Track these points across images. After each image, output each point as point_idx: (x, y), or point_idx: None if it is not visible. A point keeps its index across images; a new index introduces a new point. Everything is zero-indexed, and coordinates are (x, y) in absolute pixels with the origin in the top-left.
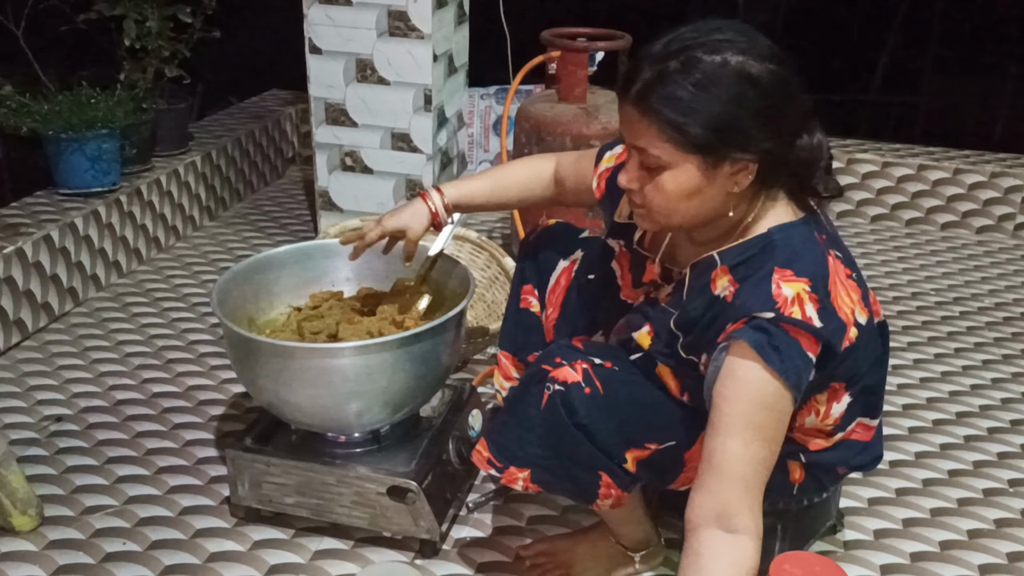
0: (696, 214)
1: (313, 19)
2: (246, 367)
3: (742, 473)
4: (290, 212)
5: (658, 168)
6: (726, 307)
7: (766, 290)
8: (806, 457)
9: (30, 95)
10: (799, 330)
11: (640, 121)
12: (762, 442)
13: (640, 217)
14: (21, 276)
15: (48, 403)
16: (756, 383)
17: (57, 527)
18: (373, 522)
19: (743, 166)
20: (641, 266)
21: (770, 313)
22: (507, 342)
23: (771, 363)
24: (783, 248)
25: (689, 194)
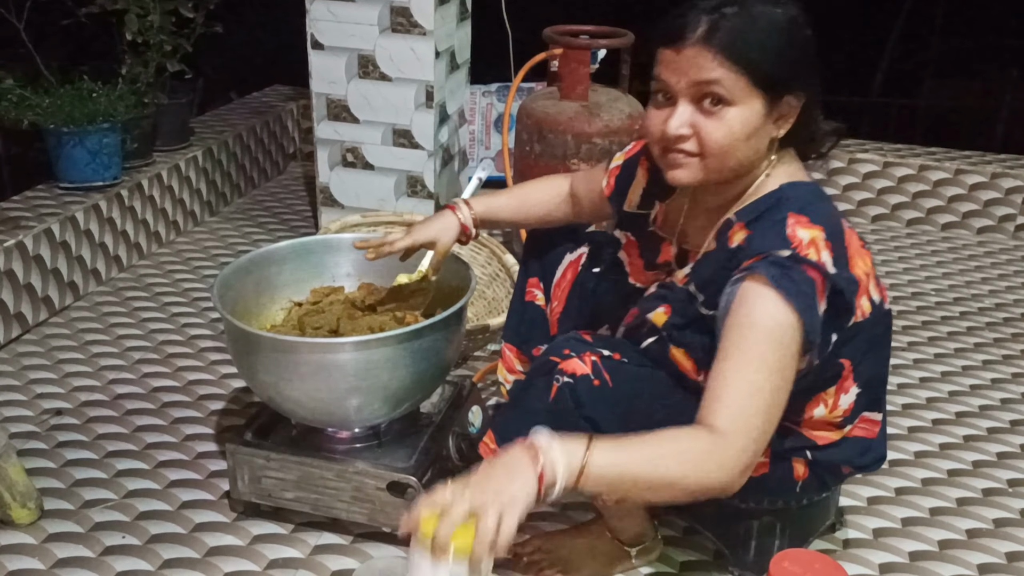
0: (744, 158)
1: (315, 14)
2: (246, 362)
3: (741, 401)
4: (291, 208)
5: (721, 107)
6: (741, 251)
7: (781, 232)
8: (812, 454)
9: (31, 88)
10: (815, 271)
11: (710, 60)
12: (768, 374)
13: (684, 169)
14: (21, 269)
15: (48, 396)
16: (768, 312)
17: (56, 520)
18: (372, 517)
19: (789, 109)
20: (655, 249)
21: (786, 251)
22: (511, 335)
23: (786, 294)
24: (796, 200)
25: (749, 134)
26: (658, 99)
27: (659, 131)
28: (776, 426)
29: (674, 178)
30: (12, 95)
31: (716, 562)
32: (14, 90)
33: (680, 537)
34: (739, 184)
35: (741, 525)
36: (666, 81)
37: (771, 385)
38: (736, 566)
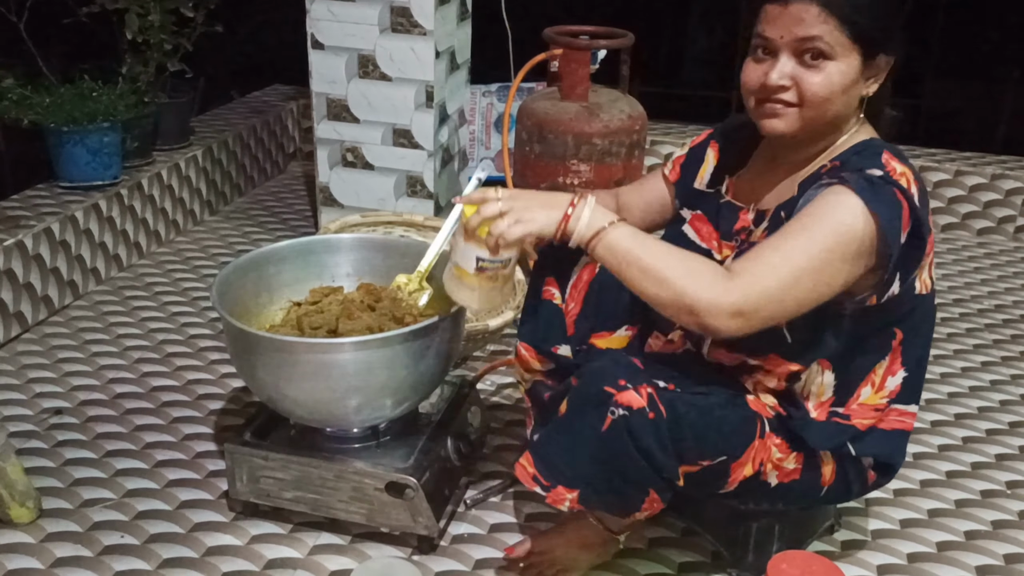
0: (838, 111)
1: (315, 14)
2: (245, 362)
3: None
4: (291, 207)
5: (821, 61)
6: (834, 171)
7: (876, 160)
8: (852, 446)
9: (32, 87)
10: (902, 196)
11: (814, 15)
12: (807, 256)
13: (781, 119)
14: (21, 269)
15: (47, 396)
16: (841, 210)
17: (55, 519)
18: (371, 517)
19: (880, 69)
20: (731, 218)
21: (879, 171)
22: (527, 334)
23: (868, 200)
24: (888, 147)
25: (846, 87)
26: (758, 53)
27: (759, 83)
28: (786, 314)
29: (771, 127)
30: (12, 94)
31: (714, 563)
32: (14, 89)
33: (679, 538)
34: (825, 141)
35: (740, 526)
36: (769, 36)
37: (808, 264)
38: (734, 567)
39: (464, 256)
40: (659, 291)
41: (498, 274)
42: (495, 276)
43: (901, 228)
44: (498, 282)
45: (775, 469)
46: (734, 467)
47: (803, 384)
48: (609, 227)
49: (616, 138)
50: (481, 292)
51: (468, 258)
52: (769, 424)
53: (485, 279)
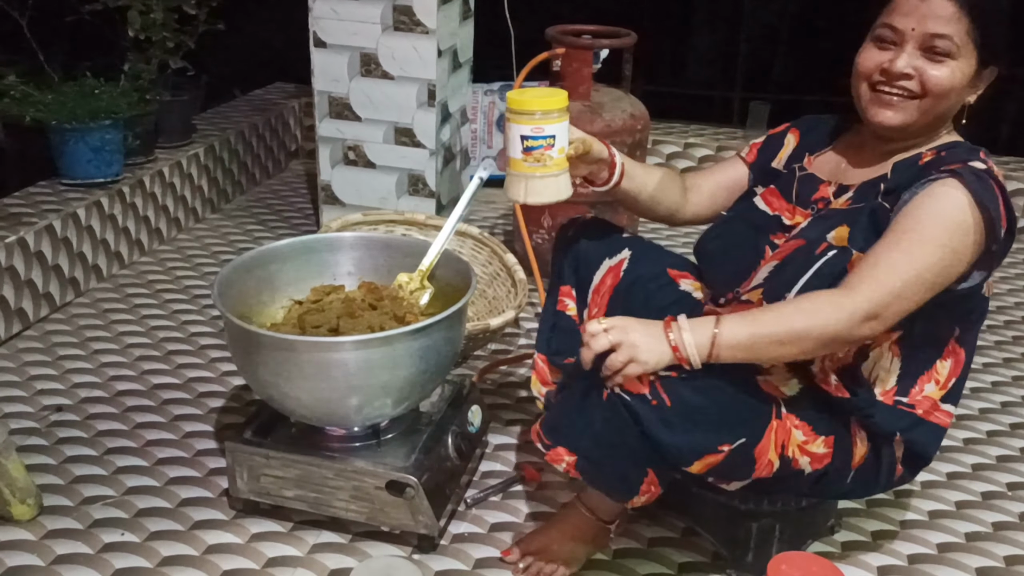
0: (948, 110)
1: (318, 13)
2: (247, 360)
3: (876, 258)
4: (292, 205)
5: (948, 56)
6: (938, 160)
7: (975, 155)
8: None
9: (34, 85)
10: (1000, 193)
11: (954, 12)
12: (914, 239)
13: (895, 110)
14: (23, 266)
15: (48, 393)
16: (952, 203)
17: (56, 516)
18: (371, 516)
19: (986, 80)
20: (810, 188)
21: (982, 165)
22: (543, 344)
23: (976, 193)
24: (983, 149)
25: (960, 88)
26: (882, 40)
27: (878, 68)
28: (911, 307)
29: (883, 118)
30: (15, 91)
31: (715, 563)
32: (17, 86)
33: (679, 538)
34: (921, 140)
35: (740, 527)
36: (899, 27)
37: (924, 260)
38: (734, 568)
39: (512, 143)
40: (802, 349)
41: (544, 156)
42: (541, 158)
43: (1001, 223)
44: (548, 168)
45: (804, 455)
46: (757, 452)
47: (870, 367)
48: (716, 335)
49: (618, 137)
50: (531, 183)
51: (515, 142)
52: (786, 406)
53: (533, 162)
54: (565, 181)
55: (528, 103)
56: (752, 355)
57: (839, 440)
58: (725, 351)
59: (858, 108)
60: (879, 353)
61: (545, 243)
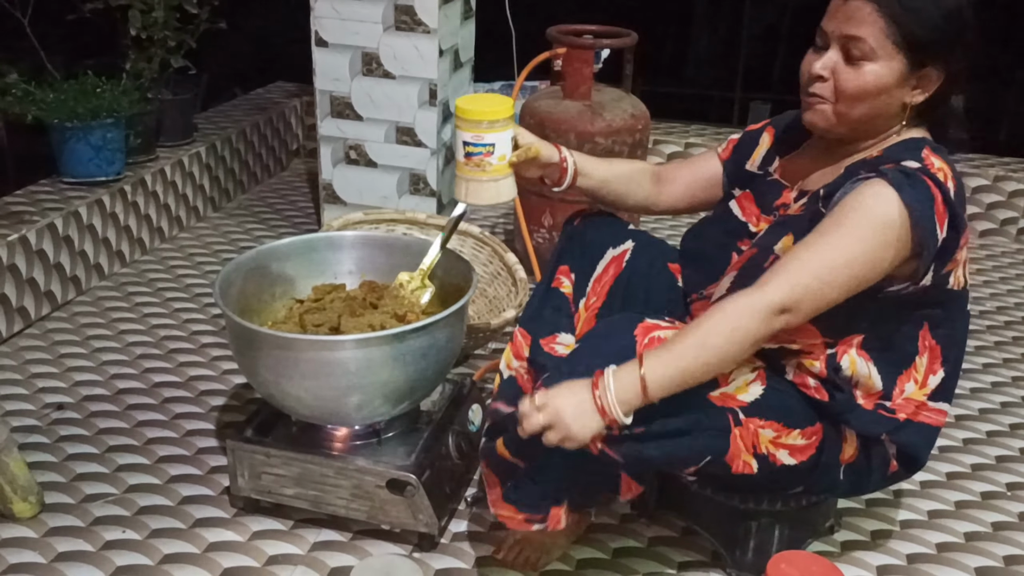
0: (874, 112)
1: (319, 12)
2: (248, 358)
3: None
4: (294, 204)
5: (864, 59)
6: (875, 160)
7: (915, 154)
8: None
9: (35, 83)
10: (937, 190)
11: (870, 13)
12: (838, 247)
13: (815, 112)
14: (24, 264)
15: (50, 391)
16: (877, 202)
17: (57, 514)
18: (372, 515)
19: (928, 81)
20: (775, 194)
21: (916, 164)
22: (527, 320)
23: (902, 192)
24: (934, 145)
25: (881, 90)
26: (816, 44)
27: (806, 72)
28: (826, 301)
29: (808, 120)
30: (16, 90)
31: (714, 563)
32: (19, 85)
33: (678, 537)
34: (871, 140)
35: (740, 526)
36: (825, 29)
37: (842, 256)
38: (734, 567)
39: (457, 147)
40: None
41: (483, 162)
42: (481, 164)
43: (936, 219)
44: (487, 172)
45: (781, 448)
46: (729, 459)
47: (850, 373)
48: (644, 378)
49: (619, 137)
50: (470, 186)
51: (459, 147)
52: (745, 412)
53: (473, 167)
54: (507, 185)
55: (471, 112)
56: (685, 385)
57: (824, 431)
58: (657, 392)
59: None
60: (850, 360)
61: (546, 242)
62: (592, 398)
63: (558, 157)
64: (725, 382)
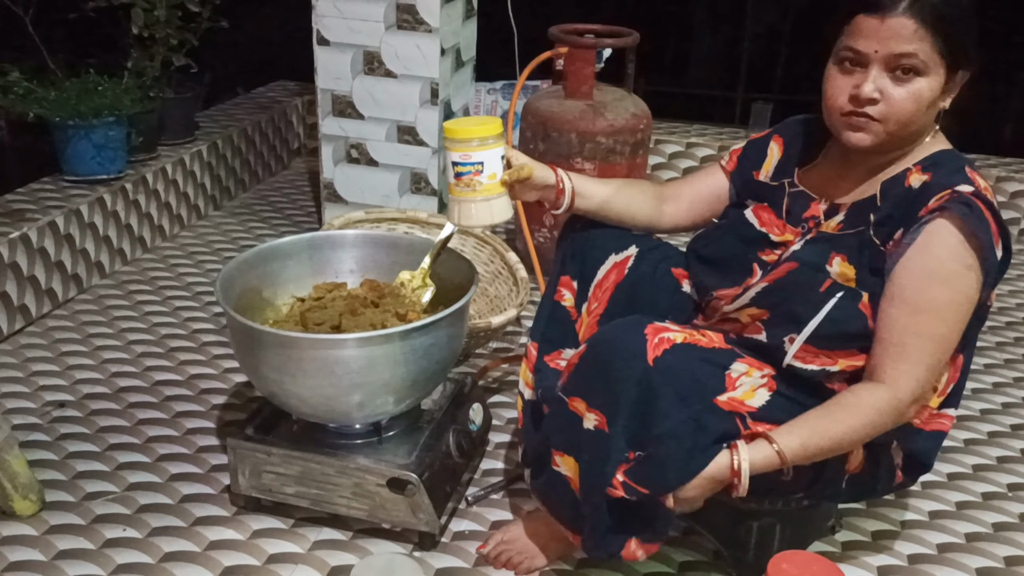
0: (920, 126)
1: (321, 11)
2: (249, 357)
3: (902, 341)
4: (295, 203)
5: (912, 77)
6: (926, 188)
7: (963, 175)
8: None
9: (37, 82)
10: (990, 214)
11: (912, 31)
12: (939, 320)
13: (865, 133)
14: (25, 262)
15: (51, 389)
16: (952, 252)
17: (58, 512)
18: (372, 513)
19: (956, 83)
20: (802, 206)
21: (970, 187)
22: (536, 333)
23: (972, 226)
24: (966, 160)
25: (931, 102)
26: (845, 65)
27: (847, 95)
28: (945, 365)
29: (857, 140)
30: (19, 88)
31: (715, 563)
32: (20, 83)
33: (679, 537)
34: (904, 150)
35: (741, 526)
36: (862, 50)
37: (946, 332)
38: (735, 567)
39: (447, 169)
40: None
41: (473, 181)
42: (471, 183)
43: (994, 244)
44: (478, 192)
45: None
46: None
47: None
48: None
49: (620, 137)
50: (463, 207)
51: (448, 168)
52: (752, 416)
53: (463, 187)
54: (500, 205)
55: (458, 131)
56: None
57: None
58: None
59: (833, 132)
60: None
61: (547, 242)
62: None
63: (554, 179)
64: (732, 387)
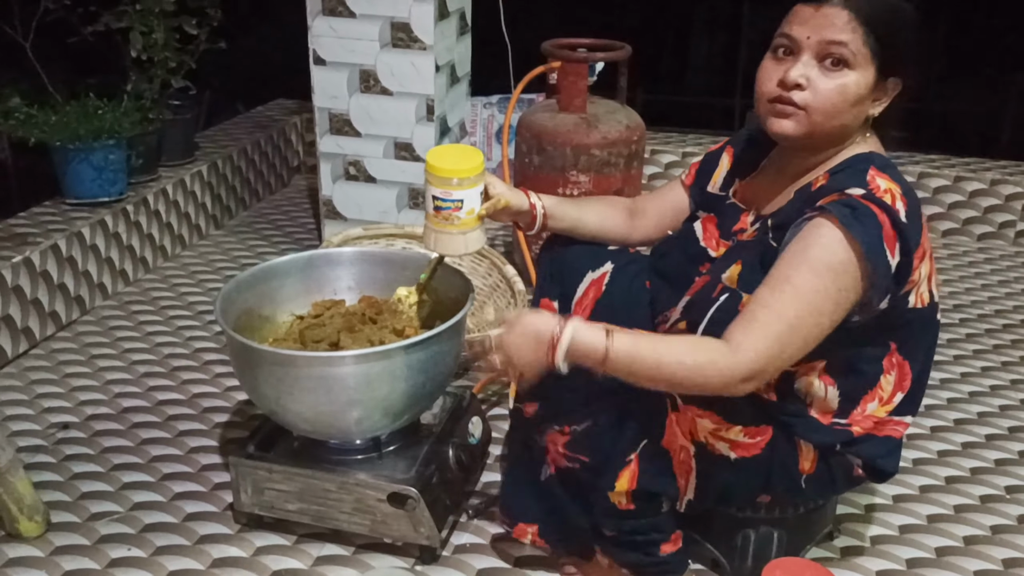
0: (844, 123)
1: (317, 31)
2: (248, 375)
3: (754, 313)
4: (295, 221)
5: (840, 69)
6: (821, 190)
7: (860, 178)
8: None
9: (38, 106)
10: (884, 216)
11: (846, 21)
12: (800, 304)
13: (789, 120)
14: (29, 285)
15: (55, 410)
16: (826, 246)
17: (63, 533)
18: (374, 528)
19: (888, 92)
20: (733, 218)
21: (861, 190)
22: None
23: (850, 228)
24: (881, 162)
25: (855, 101)
26: (778, 53)
27: (775, 81)
28: (795, 357)
29: (779, 127)
30: (19, 113)
31: (714, 571)
32: (21, 108)
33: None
34: (828, 153)
35: (739, 534)
36: (795, 36)
37: (800, 315)
38: (733, 575)
39: (426, 199)
40: (672, 389)
41: (452, 216)
42: (449, 218)
43: (886, 248)
44: (455, 226)
45: (721, 441)
46: (666, 444)
47: (804, 391)
48: (607, 349)
49: (614, 149)
50: (439, 237)
51: (428, 200)
52: (683, 398)
53: (442, 220)
54: (474, 237)
55: (439, 170)
56: (628, 380)
57: (774, 435)
58: (610, 371)
59: (762, 123)
60: (807, 381)
61: None
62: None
63: (527, 204)
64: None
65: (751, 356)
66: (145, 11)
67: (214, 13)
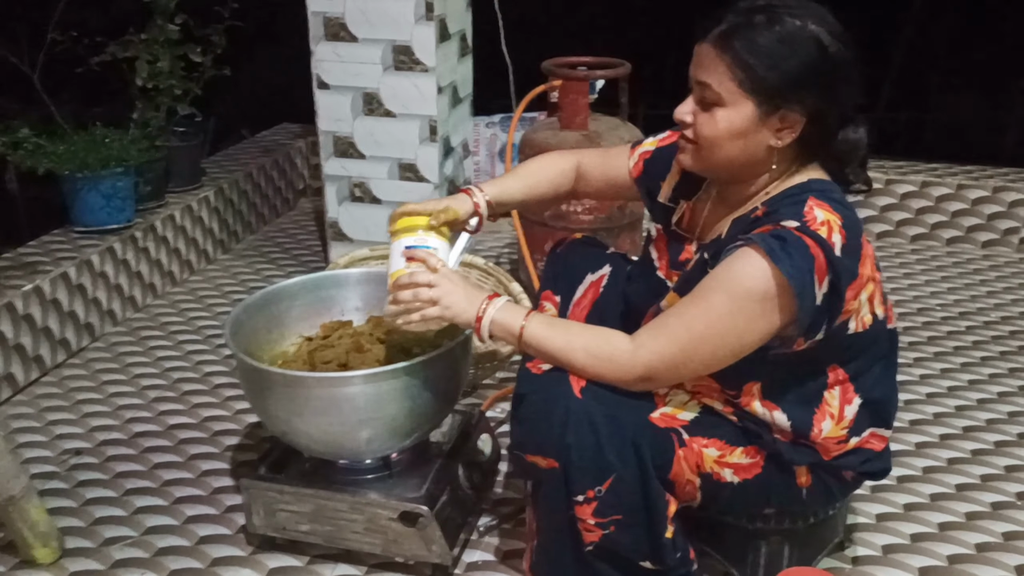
0: (737, 156)
1: (320, 55)
2: (259, 397)
3: (666, 319)
4: (301, 243)
5: (715, 104)
6: (756, 221)
7: (797, 209)
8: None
9: (46, 136)
10: (818, 248)
11: (714, 59)
12: (711, 319)
13: (685, 154)
14: (39, 313)
15: (67, 437)
16: (747, 273)
17: (77, 559)
18: (386, 548)
19: (790, 123)
20: (679, 247)
21: (795, 222)
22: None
23: (777, 261)
24: (821, 191)
25: (736, 134)
26: (690, 87)
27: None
28: (699, 371)
29: (680, 161)
30: (28, 143)
31: None
32: (30, 139)
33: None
34: (755, 184)
35: (750, 546)
36: (690, 74)
37: (707, 332)
38: None
39: (394, 255)
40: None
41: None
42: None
43: (815, 282)
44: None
45: (725, 467)
46: (672, 478)
47: (760, 416)
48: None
49: None
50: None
51: (396, 255)
52: (688, 431)
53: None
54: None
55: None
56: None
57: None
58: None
59: None
60: (752, 406)
61: None
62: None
63: (470, 205)
64: (662, 402)
65: (649, 357)
66: (150, 40)
67: (218, 40)
